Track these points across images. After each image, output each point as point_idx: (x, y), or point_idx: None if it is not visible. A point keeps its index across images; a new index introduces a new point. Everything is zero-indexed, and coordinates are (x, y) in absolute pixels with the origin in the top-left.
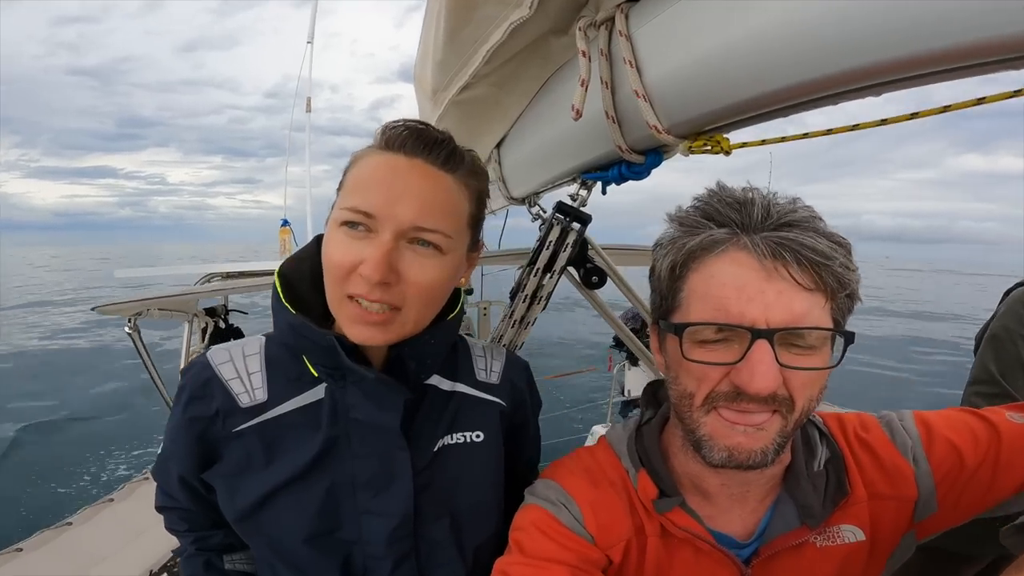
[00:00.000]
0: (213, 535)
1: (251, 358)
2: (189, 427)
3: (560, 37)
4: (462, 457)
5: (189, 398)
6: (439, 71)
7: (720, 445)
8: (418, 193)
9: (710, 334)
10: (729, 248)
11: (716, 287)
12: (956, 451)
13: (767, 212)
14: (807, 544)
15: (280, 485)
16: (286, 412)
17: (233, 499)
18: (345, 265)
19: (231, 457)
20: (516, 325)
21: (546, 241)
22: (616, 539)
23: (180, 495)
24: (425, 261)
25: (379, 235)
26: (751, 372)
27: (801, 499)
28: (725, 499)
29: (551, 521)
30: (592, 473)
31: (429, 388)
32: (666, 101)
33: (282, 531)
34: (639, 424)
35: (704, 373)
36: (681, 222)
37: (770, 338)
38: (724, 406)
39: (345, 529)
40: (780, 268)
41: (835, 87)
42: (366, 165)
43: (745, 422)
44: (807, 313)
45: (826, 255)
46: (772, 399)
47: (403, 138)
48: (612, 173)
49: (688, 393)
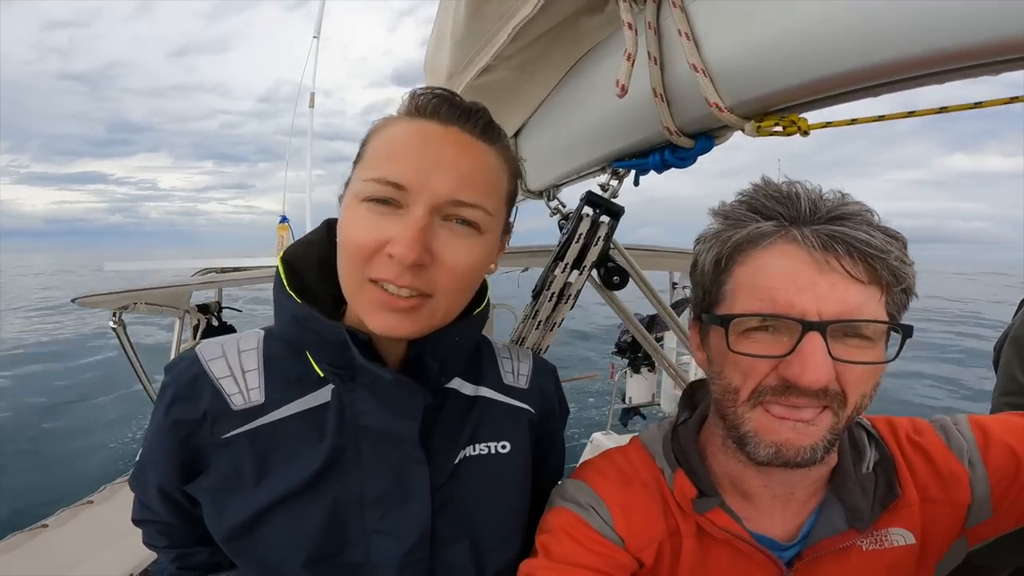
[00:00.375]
0: (197, 552)
1: (247, 354)
2: (172, 431)
3: (593, 15)
4: (485, 471)
5: (173, 398)
6: (458, 50)
7: (767, 441)
8: (455, 163)
9: (756, 324)
10: (777, 241)
11: (763, 278)
12: (1014, 455)
13: (816, 205)
14: (853, 547)
15: (276, 501)
16: (285, 417)
17: (221, 516)
18: (369, 244)
19: (219, 468)
20: (541, 326)
21: (575, 234)
22: (647, 541)
23: (159, 508)
24: (462, 242)
25: (410, 210)
26: (803, 364)
27: (849, 501)
28: (767, 500)
29: (580, 525)
30: (624, 473)
31: (450, 392)
32: (728, 77)
33: (277, 553)
34: (675, 424)
35: (751, 366)
36: (726, 216)
37: (823, 330)
38: (772, 400)
39: (350, 551)
40: (832, 260)
41: (935, 66)
42: (393, 132)
43: (794, 417)
44: (862, 306)
45: (881, 248)
46: (824, 394)
47: (435, 104)
48: (652, 160)
49: (733, 387)
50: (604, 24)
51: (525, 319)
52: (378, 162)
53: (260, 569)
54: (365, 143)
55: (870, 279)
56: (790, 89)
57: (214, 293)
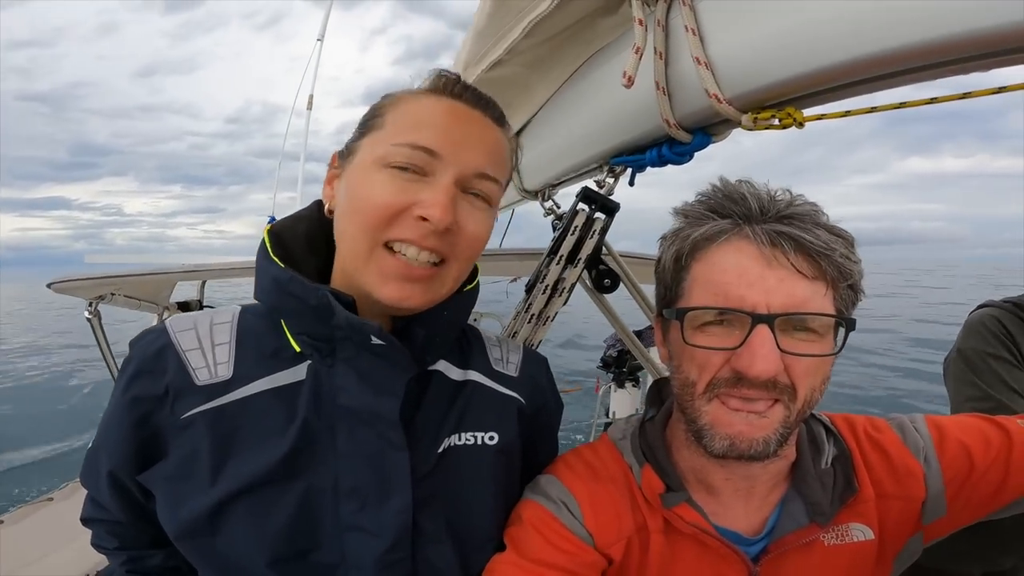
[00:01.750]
0: (150, 555)
1: (219, 327)
2: (129, 409)
3: (607, 17)
4: (471, 463)
5: (135, 372)
6: (477, 41)
7: (721, 433)
8: (482, 140)
9: (711, 318)
10: (731, 238)
11: (718, 273)
12: (967, 453)
13: (767, 205)
14: (816, 542)
15: (237, 492)
16: (253, 395)
17: (176, 509)
18: (395, 205)
19: (176, 454)
20: (534, 320)
21: (570, 227)
22: (616, 537)
23: (110, 501)
24: (478, 214)
25: (439, 178)
26: (752, 356)
27: (810, 496)
28: (730, 494)
29: (549, 520)
30: (594, 469)
31: (435, 375)
32: (729, 71)
33: (239, 552)
34: (643, 420)
35: (706, 359)
36: (686, 215)
37: (770, 323)
38: (726, 392)
39: (323, 550)
40: (779, 256)
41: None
42: (420, 105)
43: (747, 408)
44: (808, 300)
45: (825, 245)
46: (773, 385)
47: (460, 87)
48: (649, 155)
49: (690, 381)
50: (616, 25)
51: (518, 313)
52: (407, 129)
53: (220, 571)
54: (380, 113)
55: (815, 274)
56: (787, 82)
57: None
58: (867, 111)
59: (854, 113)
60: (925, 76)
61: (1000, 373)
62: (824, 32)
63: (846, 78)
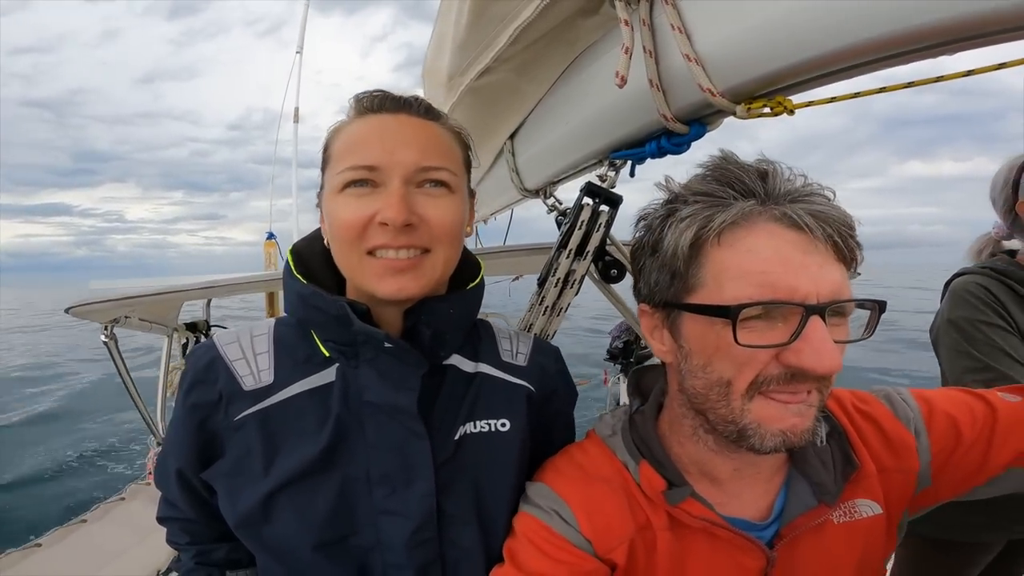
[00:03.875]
0: (216, 549)
1: (259, 339)
2: (190, 415)
3: (589, 17)
4: (487, 448)
5: (192, 383)
6: (460, 53)
7: (773, 430)
8: (414, 138)
9: (756, 313)
10: (760, 220)
11: (757, 262)
12: (955, 426)
13: (786, 183)
14: (827, 522)
15: (284, 483)
16: (292, 396)
17: (234, 502)
18: (359, 220)
19: (232, 453)
20: (548, 312)
21: (577, 221)
22: (617, 541)
23: (180, 500)
24: (439, 200)
25: (387, 185)
26: (817, 352)
27: (814, 476)
28: (735, 483)
29: (542, 530)
30: (584, 470)
31: (449, 368)
32: (719, 64)
33: (288, 538)
34: (630, 414)
35: (750, 356)
36: (697, 193)
37: (823, 313)
38: (776, 389)
39: (361, 534)
40: (819, 240)
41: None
42: (352, 130)
43: (798, 401)
44: (843, 284)
45: (851, 226)
46: (823, 376)
47: (380, 100)
48: (649, 148)
49: (724, 381)
50: (599, 25)
51: (532, 307)
52: (346, 155)
53: (273, 556)
54: (327, 149)
55: (841, 257)
56: (775, 72)
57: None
58: (850, 96)
59: (840, 99)
60: (901, 61)
61: (996, 341)
62: (807, 23)
63: (830, 66)
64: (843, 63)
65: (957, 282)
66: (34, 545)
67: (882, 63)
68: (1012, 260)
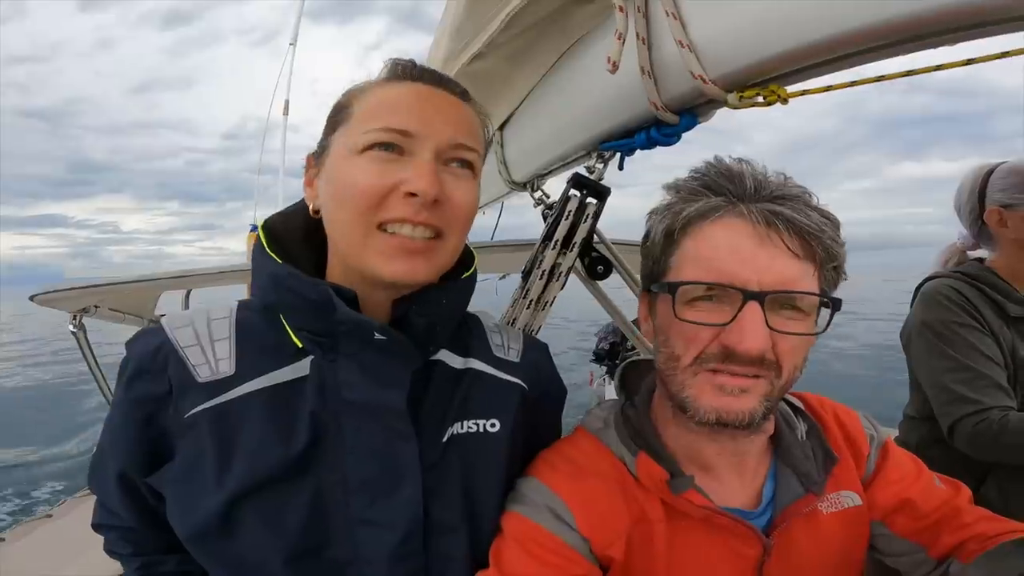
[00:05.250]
0: (164, 561)
1: (217, 323)
2: (133, 410)
3: (584, 5)
4: (476, 451)
5: (134, 372)
6: (455, 37)
7: (707, 405)
8: (452, 113)
9: (701, 293)
10: (724, 215)
11: (709, 249)
12: (902, 466)
13: (761, 185)
14: (815, 511)
15: (247, 490)
16: (257, 391)
17: (185, 513)
18: (381, 187)
19: (183, 455)
20: (532, 305)
21: (564, 212)
22: (615, 535)
23: (120, 507)
24: (463, 182)
25: (419, 154)
26: (742, 332)
27: (799, 467)
28: (724, 470)
29: (533, 532)
30: (577, 464)
31: (438, 364)
32: (712, 52)
33: (254, 552)
34: (621, 407)
35: (694, 333)
36: (678, 190)
37: (761, 300)
38: (713, 368)
39: (336, 546)
40: (773, 235)
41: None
42: (385, 91)
43: (733, 383)
44: (798, 279)
45: (817, 227)
46: (760, 361)
47: (419, 71)
48: (639, 139)
49: (675, 355)
50: (593, 14)
51: (515, 301)
52: (377, 115)
53: (235, 573)
54: (346, 106)
55: (805, 255)
56: (768, 60)
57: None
58: (847, 85)
59: (836, 87)
60: (899, 51)
61: (972, 341)
62: (801, 10)
63: (825, 54)
64: (838, 51)
65: (928, 285)
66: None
67: (879, 52)
68: (983, 266)
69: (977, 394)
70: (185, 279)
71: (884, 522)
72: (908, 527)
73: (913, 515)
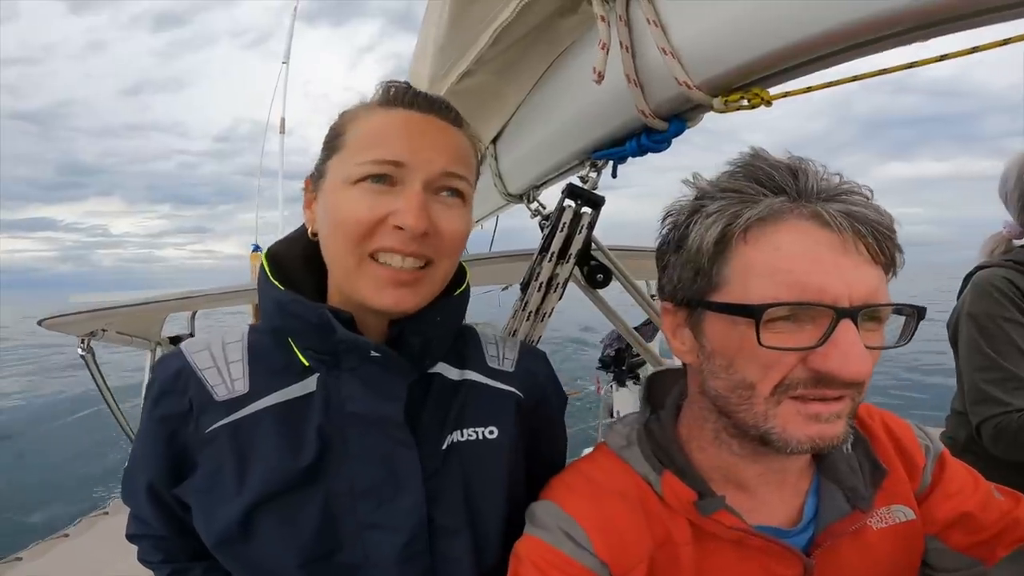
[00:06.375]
0: (192, 567)
1: (231, 346)
2: (159, 428)
3: (567, 17)
4: (476, 457)
5: (159, 393)
6: (440, 56)
7: (800, 436)
8: (442, 141)
9: (783, 313)
10: (791, 218)
11: (784, 260)
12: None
13: (823, 180)
14: (865, 528)
15: (262, 499)
16: (269, 407)
17: (210, 521)
18: (372, 218)
19: (204, 468)
20: (531, 317)
21: (559, 223)
22: (636, 560)
23: (151, 517)
24: (453, 211)
25: (408, 185)
26: (845, 356)
27: (845, 482)
28: (762, 488)
29: (550, 554)
30: (597, 485)
31: (435, 377)
32: (695, 57)
33: (271, 557)
34: (645, 423)
35: (776, 359)
36: (726, 189)
37: (854, 317)
38: (800, 394)
39: (347, 550)
40: (856, 240)
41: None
42: (376, 120)
43: (827, 410)
44: (880, 288)
45: (891, 227)
46: (853, 383)
47: (411, 96)
48: (630, 146)
49: (747, 383)
50: (578, 24)
51: (515, 312)
52: (370, 146)
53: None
54: (340, 132)
55: (880, 260)
56: (749, 63)
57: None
58: (824, 86)
59: (815, 88)
60: (875, 49)
61: (1015, 338)
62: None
63: (804, 55)
64: (816, 51)
65: (980, 275)
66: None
67: (856, 51)
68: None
69: (1007, 396)
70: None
71: (939, 536)
72: (964, 541)
73: (971, 529)
